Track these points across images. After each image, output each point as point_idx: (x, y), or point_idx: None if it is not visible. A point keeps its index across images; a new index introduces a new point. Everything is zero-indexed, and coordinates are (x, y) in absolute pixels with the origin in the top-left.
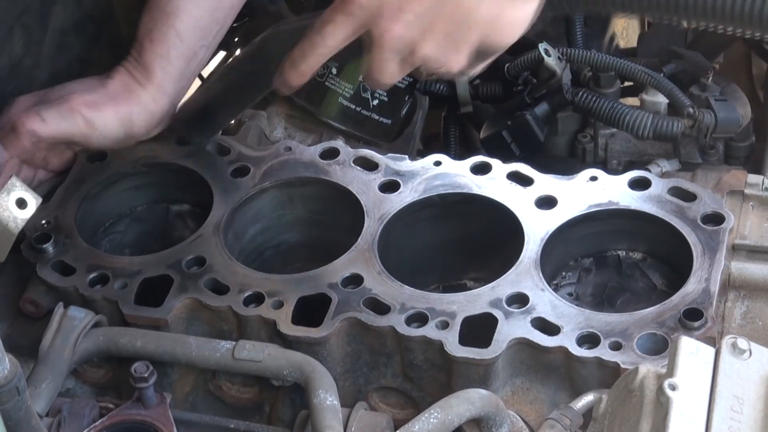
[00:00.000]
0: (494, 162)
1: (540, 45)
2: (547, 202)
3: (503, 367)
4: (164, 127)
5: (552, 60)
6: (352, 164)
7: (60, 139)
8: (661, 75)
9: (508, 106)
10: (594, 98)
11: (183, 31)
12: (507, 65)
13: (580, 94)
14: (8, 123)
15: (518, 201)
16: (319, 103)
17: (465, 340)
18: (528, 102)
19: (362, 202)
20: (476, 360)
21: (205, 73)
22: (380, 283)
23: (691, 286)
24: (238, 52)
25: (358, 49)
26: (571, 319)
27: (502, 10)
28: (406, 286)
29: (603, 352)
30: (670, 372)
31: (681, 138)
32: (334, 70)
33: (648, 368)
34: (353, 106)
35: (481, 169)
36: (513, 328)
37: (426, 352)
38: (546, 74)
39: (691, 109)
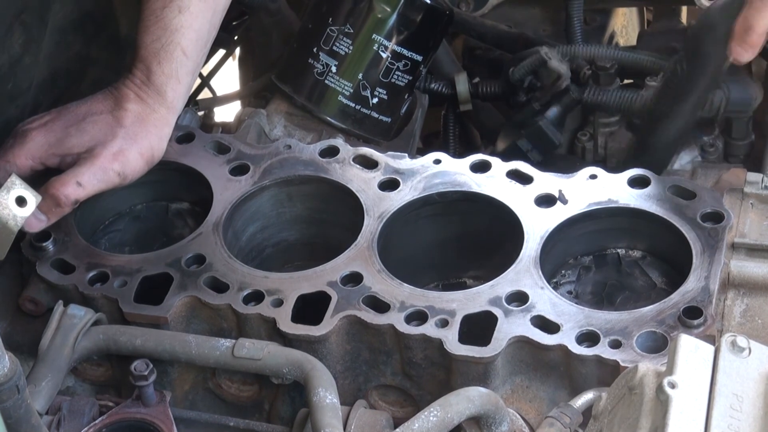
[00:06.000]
0: (494, 160)
1: (540, 50)
2: (546, 200)
3: (503, 365)
4: None
5: (555, 62)
6: (352, 162)
7: (95, 194)
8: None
9: (519, 118)
10: (602, 91)
11: (188, 47)
12: (511, 69)
13: (588, 90)
14: (47, 195)
15: (518, 199)
16: (318, 101)
17: (464, 338)
18: (537, 109)
19: (362, 201)
20: (476, 358)
21: (205, 71)
22: (380, 282)
23: (691, 284)
24: (237, 50)
25: None
26: (570, 317)
27: None
28: (406, 284)
29: (602, 350)
30: (670, 370)
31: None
32: (333, 69)
33: (648, 366)
34: (353, 105)
35: (481, 167)
36: (512, 326)
37: (425, 350)
38: (551, 78)
39: None
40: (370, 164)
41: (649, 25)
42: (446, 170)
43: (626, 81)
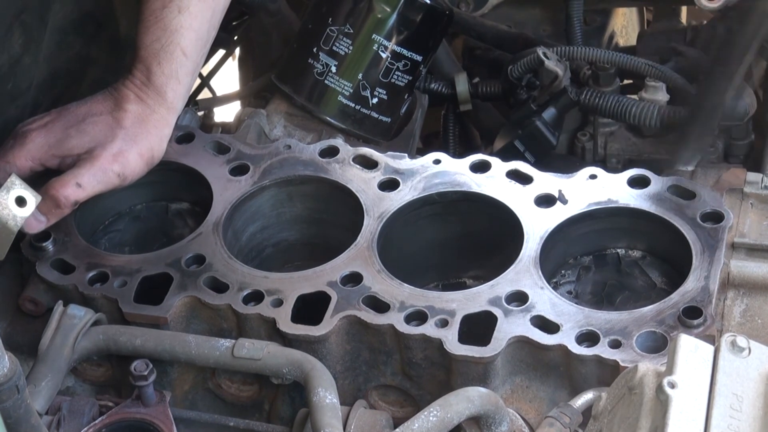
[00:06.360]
0: (493, 160)
1: (538, 50)
2: (546, 201)
3: (503, 365)
4: None
5: (552, 63)
6: (352, 162)
7: (95, 195)
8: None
9: (516, 117)
10: (599, 95)
11: (187, 47)
12: (510, 67)
13: (585, 92)
14: (47, 196)
15: (517, 199)
16: (318, 101)
17: (464, 338)
18: (534, 109)
19: (361, 201)
20: (475, 358)
21: (205, 71)
22: (379, 282)
23: (691, 284)
24: (237, 50)
25: None
26: (570, 317)
27: None
28: (406, 285)
29: (602, 350)
30: (670, 370)
31: None
32: (333, 69)
33: (647, 366)
34: (353, 105)
35: (481, 167)
36: (512, 326)
37: (425, 351)
38: (548, 78)
39: None
40: (369, 164)
41: (649, 25)
42: (446, 170)
43: (626, 81)
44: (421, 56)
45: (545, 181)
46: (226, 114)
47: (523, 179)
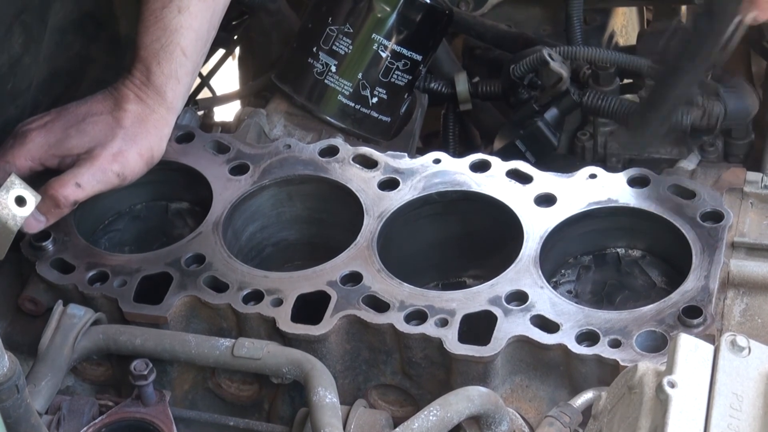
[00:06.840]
0: (493, 159)
1: (543, 50)
2: (546, 200)
3: (502, 364)
4: None
5: (557, 64)
6: (352, 162)
7: (94, 195)
8: None
9: (518, 117)
10: (601, 97)
11: (187, 47)
12: (512, 66)
13: (587, 94)
14: (46, 196)
15: (517, 199)
16: (318, 101)
17: (464, 337)
18: (536, 110)
19: (361, 200)
20: (475, 357)
21: (205, 71)
22: (379, 281)
23: (691, 284)
24: (237, 50)
25: None
26: (570, 316)
27: None
28: (405, 284)
29: (602, 349)
30: (670, 369)
31: (691, 130)
32: (333, 68)
33: (647, 365)
34: (352, 104)
35: (481, 167)
36: (512, 326)
37: (425, 350)
38: (551, 79)
39: (699, 100)
40: (369, 164)
41: (649, 24)
42: (446, 170)
43: (626, 81)
44: (420, 56)
45: (545, 181)
46: (226, 113)
47: (523, 179)
